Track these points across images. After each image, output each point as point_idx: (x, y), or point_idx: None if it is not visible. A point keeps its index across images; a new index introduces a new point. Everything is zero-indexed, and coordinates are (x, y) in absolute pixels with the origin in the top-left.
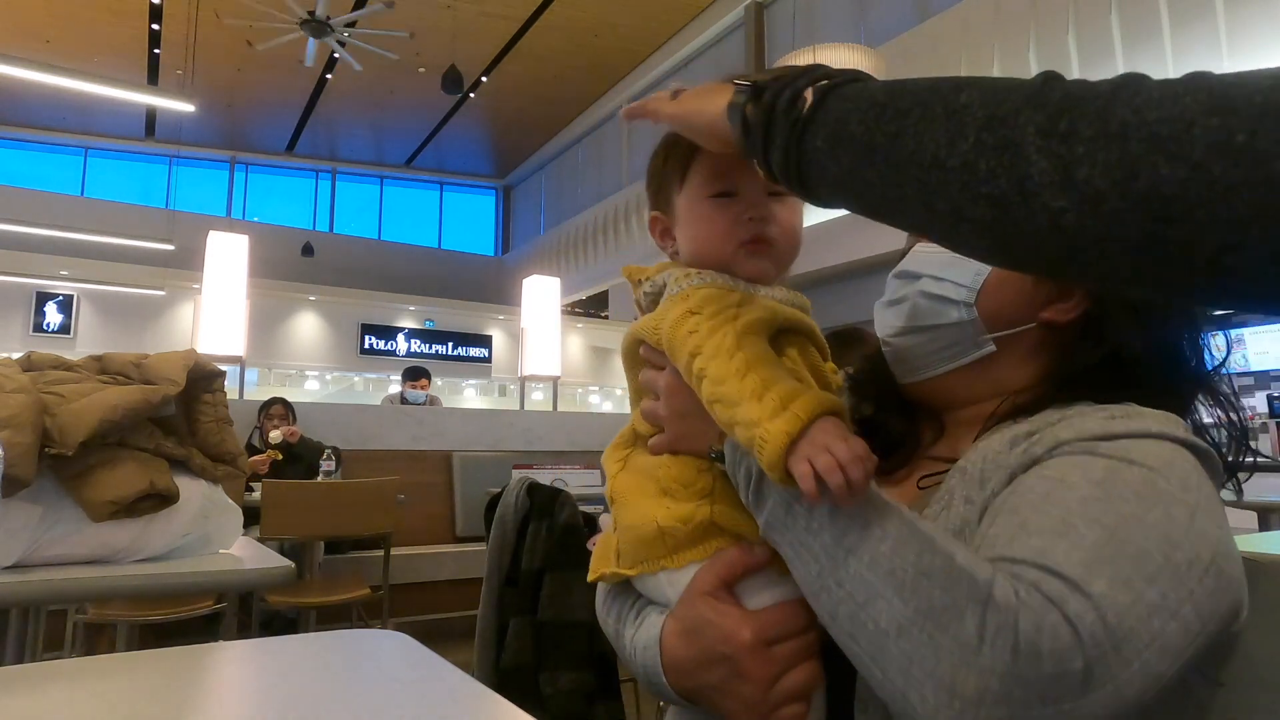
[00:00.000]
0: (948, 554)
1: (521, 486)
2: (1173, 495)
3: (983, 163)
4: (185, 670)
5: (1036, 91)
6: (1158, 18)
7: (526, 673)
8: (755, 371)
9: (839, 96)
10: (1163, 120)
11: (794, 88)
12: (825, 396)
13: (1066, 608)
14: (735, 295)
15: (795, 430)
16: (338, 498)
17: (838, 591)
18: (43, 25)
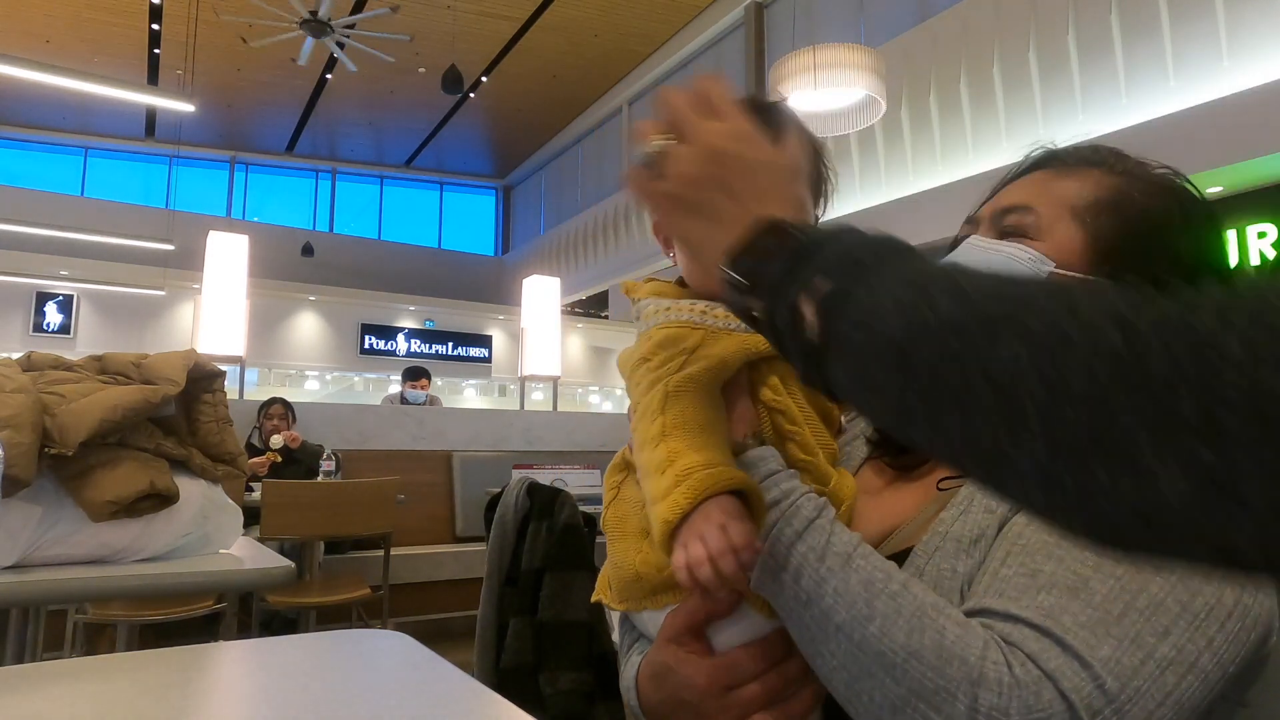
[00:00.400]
0: (937, 632)
1: (521, 486)
2: None
3: (1068, 477)
4: (185, 670)
5: (1119, 355)
6: (1158, 18)
7: (526, 673)
8: (668, 440)
9: (850, 324)
10: None
11: (786, 299)
12: (721, 477)
13: (1062, 682)
14: (694, 337)
15: (674, 517)
16: (338, 498)
17: (830, 661)
18: (43, 25)
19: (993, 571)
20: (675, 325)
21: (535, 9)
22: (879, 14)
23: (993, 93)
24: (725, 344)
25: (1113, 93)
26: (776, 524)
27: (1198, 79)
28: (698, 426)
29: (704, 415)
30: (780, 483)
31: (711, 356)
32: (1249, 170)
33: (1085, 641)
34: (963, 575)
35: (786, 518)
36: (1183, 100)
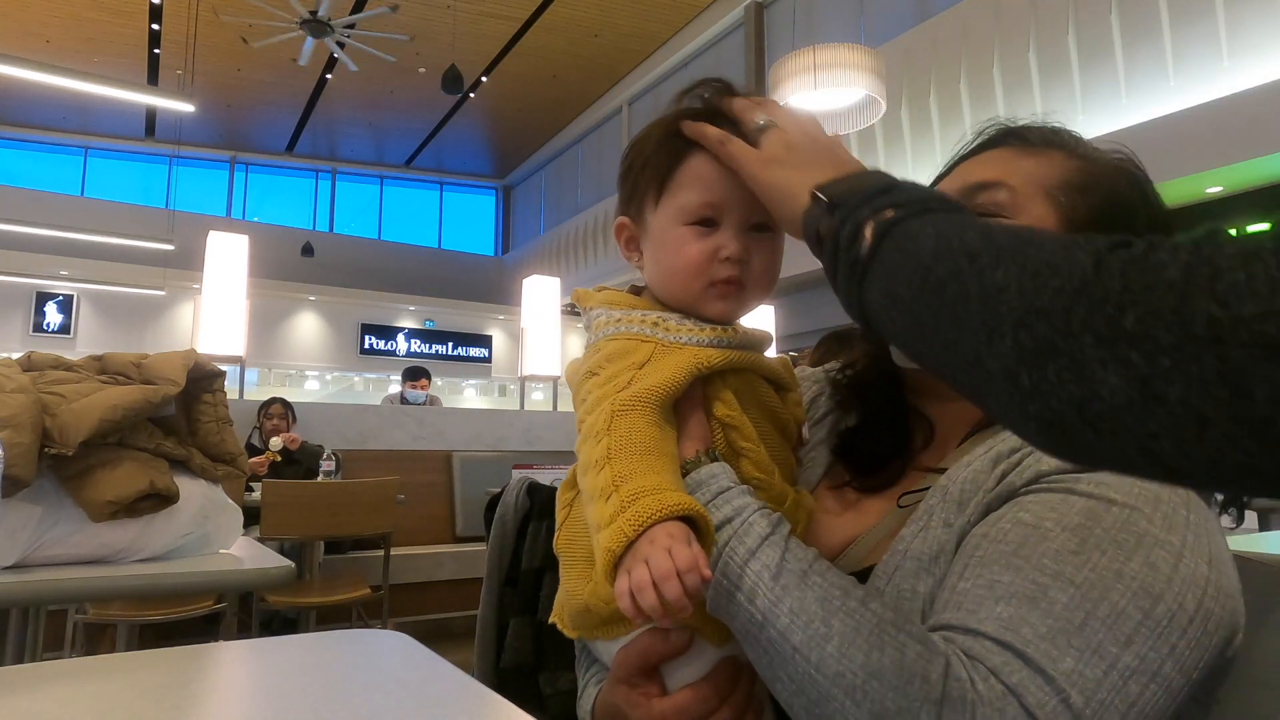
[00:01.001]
0: (897, 649)
1: (521, 486)
2: (1155, 538)
3: (1026, 374)
4: (185, 670)
5: (1087, 279)
6: (1158, 18)
7: (526, 673)
8: (613, 463)
9: (895, 243)
10: (1266, 316)
11: (856, 219)
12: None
13: (1026, 698)
14: (643, 351)
15: (618, 547)
16: (338, 498)
17: (790, 685)
18: (43, 25)
19: (951, 586)
20: (625, 337)
21: (535, 9)
22: (879, 14)
23: (993, 93)
24: (676, 358)
25: (1113, 93)
26: (729, 542)
27: (1198, 79)
28: (643, 448)
29: (651, 436)
30: (732, 499)
31: (661, 372)
32: (1248, 170)
33: (1047, 654)
34: (923, 595)
35: (739, 535)
36: (1183, 100)
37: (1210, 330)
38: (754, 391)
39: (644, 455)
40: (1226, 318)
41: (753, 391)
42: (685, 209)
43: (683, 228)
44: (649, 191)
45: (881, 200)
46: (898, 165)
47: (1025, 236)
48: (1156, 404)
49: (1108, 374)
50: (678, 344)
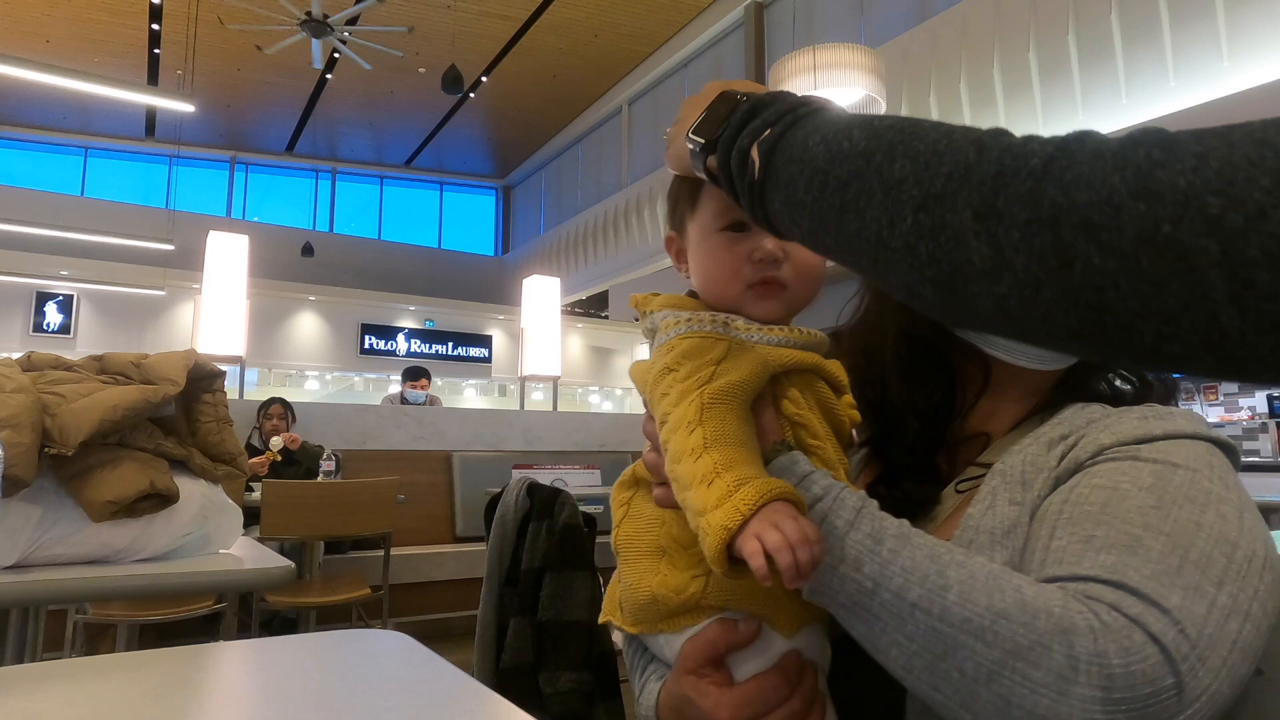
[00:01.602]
0: (1015, 590)
1: (521, 486)
2: (1219, 495)
3: (923, 246)
4: (185, 670)
5: (970, 166)
6: (1158, 18)
7: (526, 673)
8: (711, 452)
9: (785, 156)
10: (1092, 204)
11: (740, 147)
12: (774, 485)
13: (1149, 626)
14: (719, 348)
15: (734, 524)
16: (338, 498)
17: (909, 646)
18: (43, 25)
19: (1044, 547)
20: (699, 335)
21: (535, 9)
22: (879, 14)
23: (993, 93)
24: (751, 355)
25: (1113, 93)
26: (825, 517)
27: (1198, 79)
28: (738, 440)
29: (741, 429)
30: (818, 479)
31: (740, 368)
32: None
33: (1156, 591)
34: (999, 565)
35: (834, 510)
36: (1183, 100)
37: (1052, 212)
38: (815, 392)
39: (740, 446)
40: (1065, 202)
41: (814, 392)
42: (716, 214)
43: (716, 234)
44: (686, 202)
45: (753, 123)
46: None
47: (908, 129)
48: (1008, 270)
49: (980, 244)
50: (749, 342)
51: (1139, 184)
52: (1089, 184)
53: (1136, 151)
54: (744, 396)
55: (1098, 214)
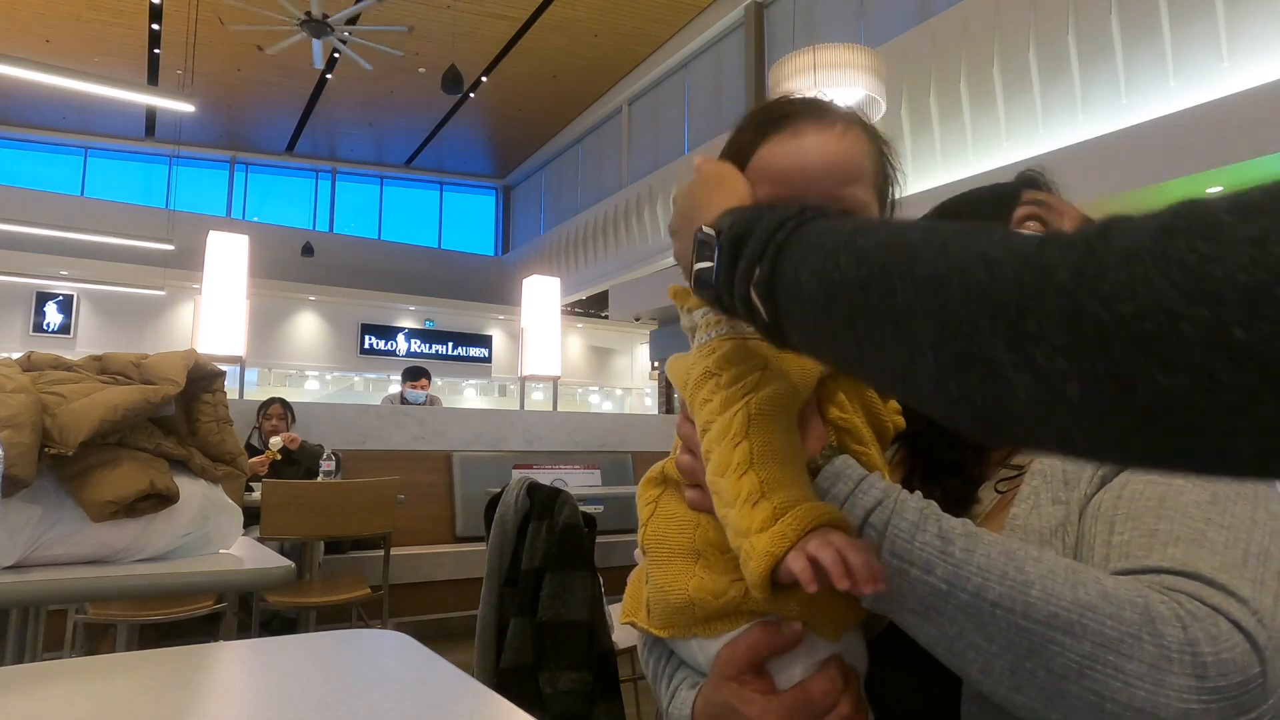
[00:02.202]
0: (1096, 582)
1: (521, 486)
2: (1263, 493)
3: (953, 385)
4: (185, 670)
5: (984, 288)
6: (1158, 18)
7: (526, 673)
8: (756, 470)
9: (784, 294)
10: (1142, 315)
11: (739, 295)
12: (821, 511)
13: (1232, 614)
14: (763, 351)
15: (780, 550)
16: (338, 498)
17: (988, 647)
18: (43, 25)
19: (1104, 543)
20: (742, 337)
21: (535, 9)
22: (879, 14)
23: (993, 93)
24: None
25: (1113, 93)
26: (889, 521)
27: (1198, 79)
28: (785, 456)
29: (788, 444)
30: (876, 483)
31: (787, 375)
32: (1249, 170)
33: (1230, 582)
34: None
35: (898, 513)
36: (1183, 100)
37: (1096, 331)
38: (861, 395)
39: (785, 464)
40: (1109, 318)
41: (860, 395)
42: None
43: None
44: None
45: (743, 266)
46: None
47: (896, 247)
48: (1061, 401)
49: (1020, 375)
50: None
51: (1192, 285)
52: (1132, 292)
53: (1177, 246)
54: (791, 406)
55: (1150, 326)
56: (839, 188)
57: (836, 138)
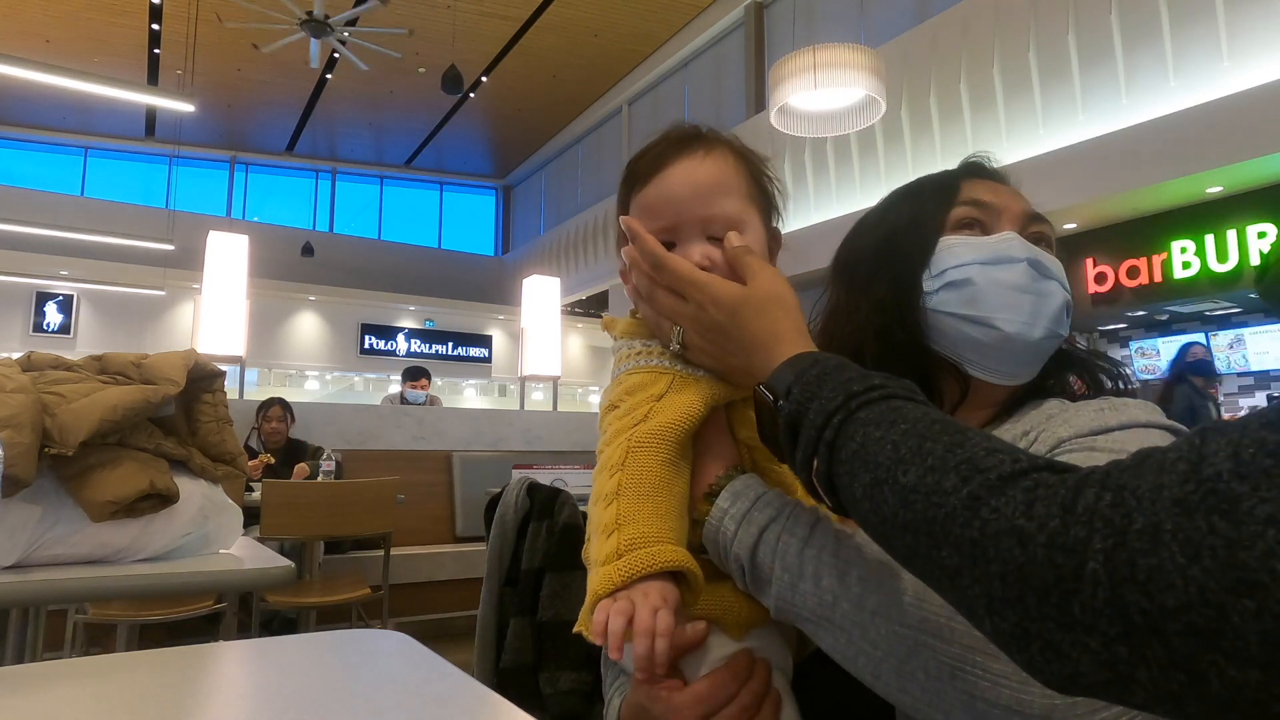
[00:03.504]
0: None
1: (521, 486)
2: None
3: (1019, 655)
4: (185, 670)
5: (1021, 567)
6: (1158, 18)
7: (526, 673)
8: (619, 501)
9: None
10: (1187, 608)
11: (806, 478)
12: (660, 555)
13: None
14: (661, 383)
15: (604, 592)
16: (338, 498)
17: (874, 653)
18: (43, 25)
19: None
20: (645, 371)
21: (535, 9)
22: (879, 14)
23: (993, 93)
24: (693, 391)
25: (1113, 93)
26: (780, 537)
27: (1198, 79)
28: (652, 488)
29: (661, 475)
30: (772, 500)
31: (677, 406)
32: (1249, 170)
33: None
34: None
35: (789, 528)
36: (1183, 100)
37: (1146, 621)
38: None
39: (651, 496)
40: (1155, 609)
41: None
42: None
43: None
44: (621, 237)
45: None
46: (898, 165)
47: (940, 505)
48: (1133, 683)
49: (1080, 656)
50: (694, 376)
51: (1229, 576)
52: (1169, 583)
53: (1197, 526)
54: (675, 437)
55: (1201, 619)
56: (709, 206)
57: (698, 161)
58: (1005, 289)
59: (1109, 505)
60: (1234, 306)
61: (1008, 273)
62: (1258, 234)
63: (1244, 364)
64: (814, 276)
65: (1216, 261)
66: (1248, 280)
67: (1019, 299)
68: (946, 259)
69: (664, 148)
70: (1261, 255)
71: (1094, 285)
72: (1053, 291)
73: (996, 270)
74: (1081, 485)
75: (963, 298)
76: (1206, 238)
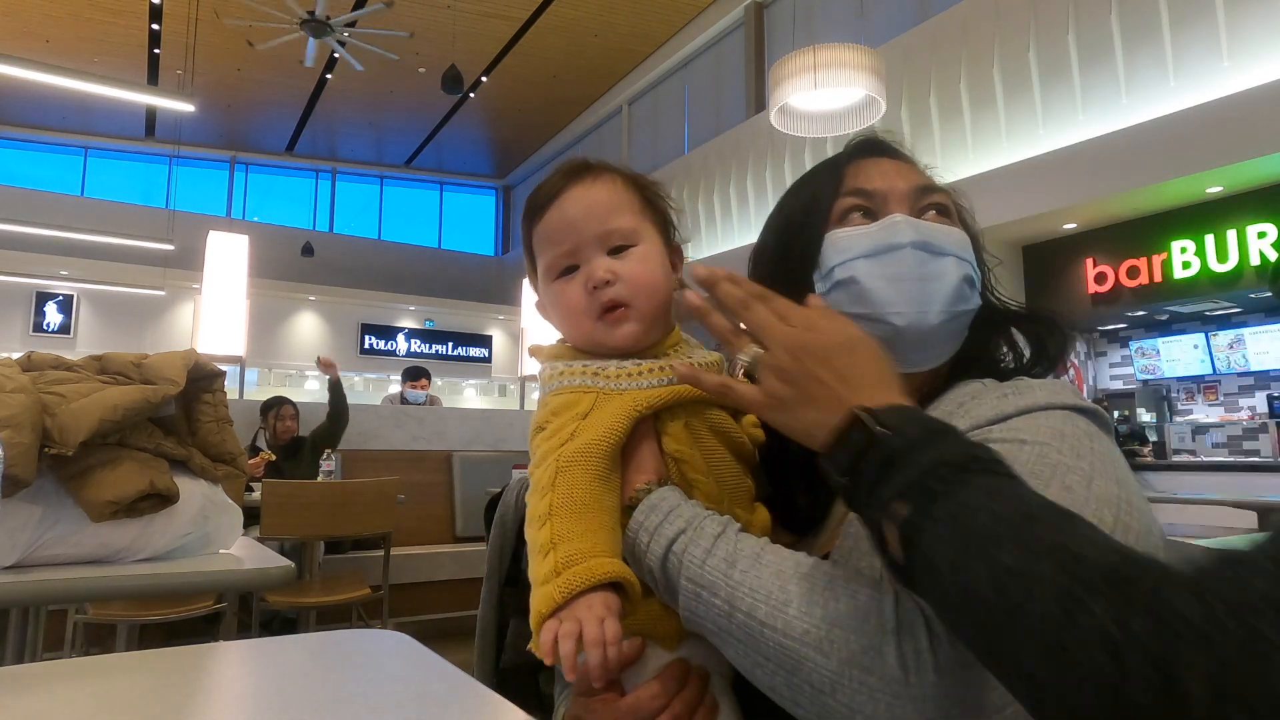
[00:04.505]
0: (850, 595)
1: (521, 486)
2: (1066, 465)
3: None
4: (185, 670)
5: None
6: (1158, 18)
7: (526, 673)
8: (551, 522)
9: (920, 559)
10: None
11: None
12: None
13: None
14: (585, 402)
15: (547, 611)
16: (338, 498)
17: (767, 665)
18: (43, 25)
19: None
20: (569, 390)
21: (535, 9)
22: (879, 14)
23: (993, 93)
24: (616, 405)
25: (1113, 93)
26: (686, 549)
27: (1198, 79)
28: (583, 505)
29: (591, 492)
30: (683, 513)
31: (601, 423)
32: (1249, 170)
33: None
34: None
35: (694, 540)
36: (1183, 100)
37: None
38: (706, 420)
39: (582, 514)
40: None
41: (705, 420)
42: (549, 268)
43: (555, 282)
44: (530, 266)
45: (884, 490)
46: None
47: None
48: None
49: None
50: (618, 390)
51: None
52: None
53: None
54: (601, 453)
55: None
56: (604, 223)
57: (588, 185)
58: (891, 281)
59: (1202, 619)
60: (1234, 306)
61: (892, 263)
62: (1258, 234)
63: (1244, 364)
64: None
65: (1216, 261)
66: (1248, 280)
67: (906, 289)
68: (832, 256)
69: (556, 180)
70: (1263, 258)
71: (1094, 285)
72: (944, 271)
73: (880, 262)
74: (1169, 591)
75: (851, 296)
76: (1206, 238)
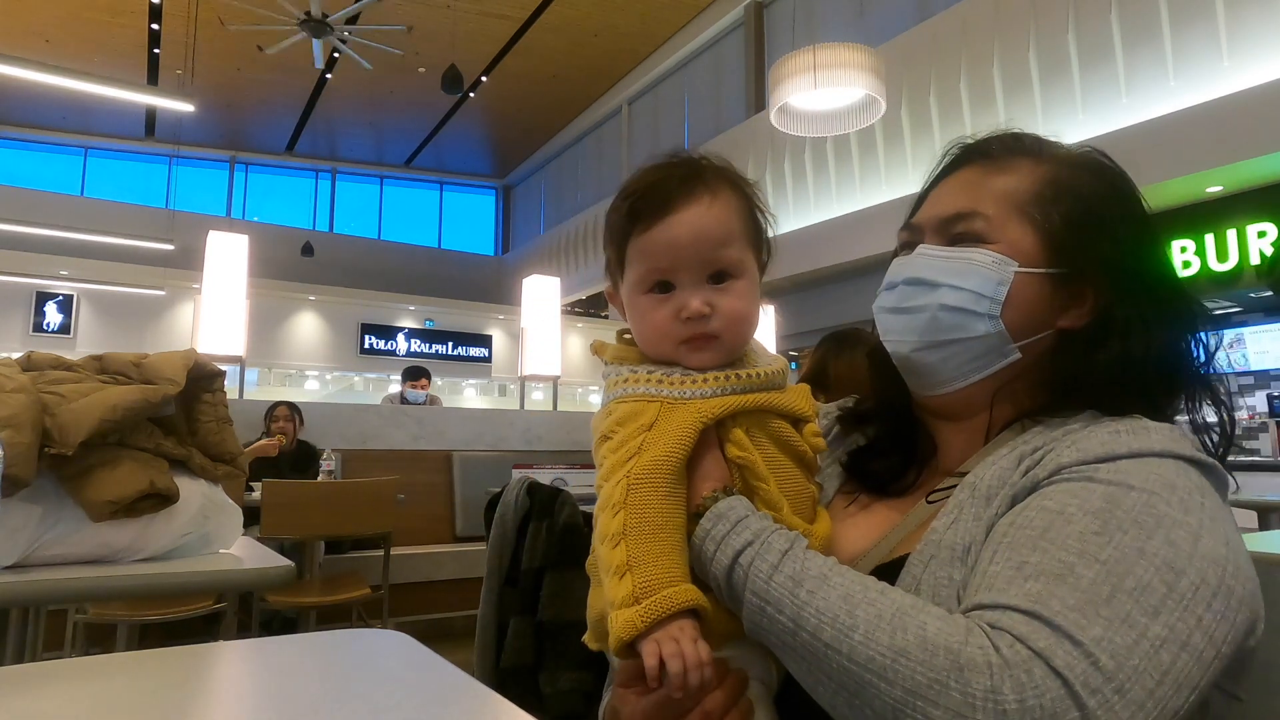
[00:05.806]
0: (919, 627)
1: (521, 486)
2: (1174, 519)
3: None
4: (185, 670)
5: None
6: (1158, 18)
7: (526, 672)
8: (626, 543)
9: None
10: None
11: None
12: (676, 596)
13: (1053, 660)
14: (650, 412)
15: (629, 637)
16: (338, 498)
17: (830, 684)
18: (43, 25)
19: (982, 571)
20: (633, 399)
21: (535, 9)
22: (879, 14)
23: (993, 93)
24: (681, 416)
25: (1113, 93)
26: (753, 563)
27: (1198, 79)
28: (656, 525)
29: (663, 510)
30: (750, 524)
31: (668, 436)
32: (1249, 170)
33: (1075, 623)
34: (959, 583)
35: (760, 555)
36: (1183, 100)
37: None
38: (767, 429)
39: (655, 535)
40: None
41: (766, 429)
42: (641, 280)
43: (644, 296)
44: (615, 265)
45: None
46: (898, 165)
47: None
48: None
49: None
50: (682, 400)
51: None
52: None
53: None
54: (669, 468)
55: None
56: (713, 253)
57: (705, 208)
58: (890, 313)
59: None
60: (1234, 306)
61: (891, 297)
62: (1258, 233)
63: (1244, 364)
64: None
65: (1216, 261)
66: (1248, 280)
67: (890, 320)
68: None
69: (667, 185)
70: (1262, 257)
71: None
72: (924, 306)
73: (884, 296)
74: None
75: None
76: (1206, 237)
